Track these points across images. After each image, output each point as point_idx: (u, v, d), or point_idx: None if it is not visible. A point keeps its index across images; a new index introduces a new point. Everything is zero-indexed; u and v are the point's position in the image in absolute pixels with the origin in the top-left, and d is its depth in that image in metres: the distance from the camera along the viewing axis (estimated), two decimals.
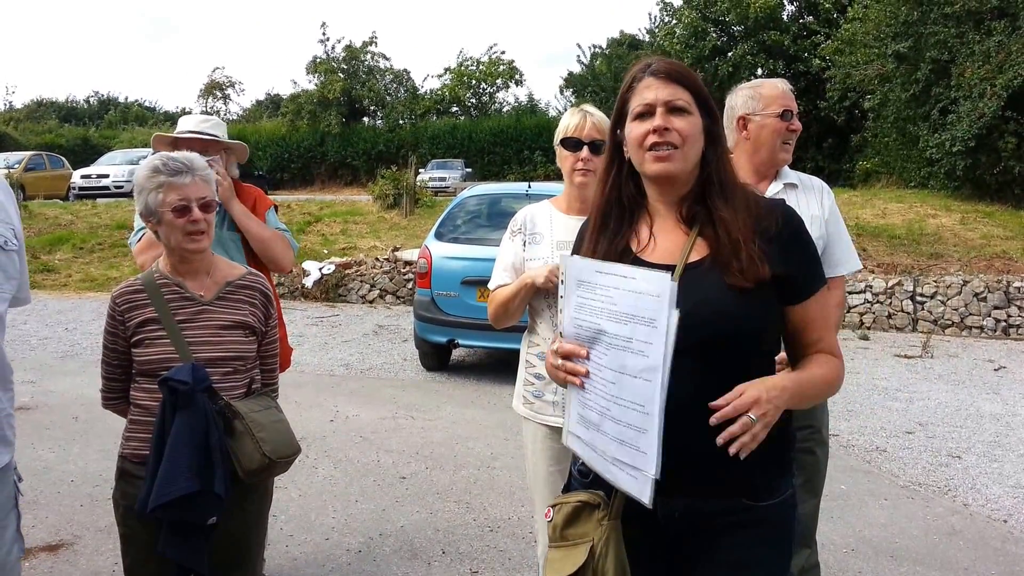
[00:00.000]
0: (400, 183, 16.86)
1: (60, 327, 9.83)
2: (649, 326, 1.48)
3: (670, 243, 1.72)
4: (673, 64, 1.73)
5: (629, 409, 1.52)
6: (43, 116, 45.59)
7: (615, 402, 1.54)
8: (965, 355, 8.96)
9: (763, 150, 2.84)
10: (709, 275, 1.62)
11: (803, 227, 1.72)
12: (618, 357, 1.53)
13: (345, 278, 12.23)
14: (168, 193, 2.27)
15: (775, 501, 1.67)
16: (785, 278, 1.63)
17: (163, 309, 2.31)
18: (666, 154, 1.66)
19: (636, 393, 1.50)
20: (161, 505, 2.11)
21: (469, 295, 7.24)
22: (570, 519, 1.69)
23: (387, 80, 36.01)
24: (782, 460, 1.71)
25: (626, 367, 1.52)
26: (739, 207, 1.67)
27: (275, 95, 49.24)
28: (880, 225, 13.32)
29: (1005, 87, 14.62)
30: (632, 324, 1.51)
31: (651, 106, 1.68)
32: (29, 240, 14.40)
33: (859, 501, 4.73)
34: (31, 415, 6.14)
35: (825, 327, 1.72)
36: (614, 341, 1.54)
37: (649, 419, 1.48)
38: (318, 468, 5.11)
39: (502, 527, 4.28)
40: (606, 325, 1.56)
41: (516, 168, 32.12)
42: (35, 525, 4.16)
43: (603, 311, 1.56)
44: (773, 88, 2.83)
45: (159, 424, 2.20)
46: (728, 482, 1.61)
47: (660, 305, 1.46)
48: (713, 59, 27.92)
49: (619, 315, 1.53)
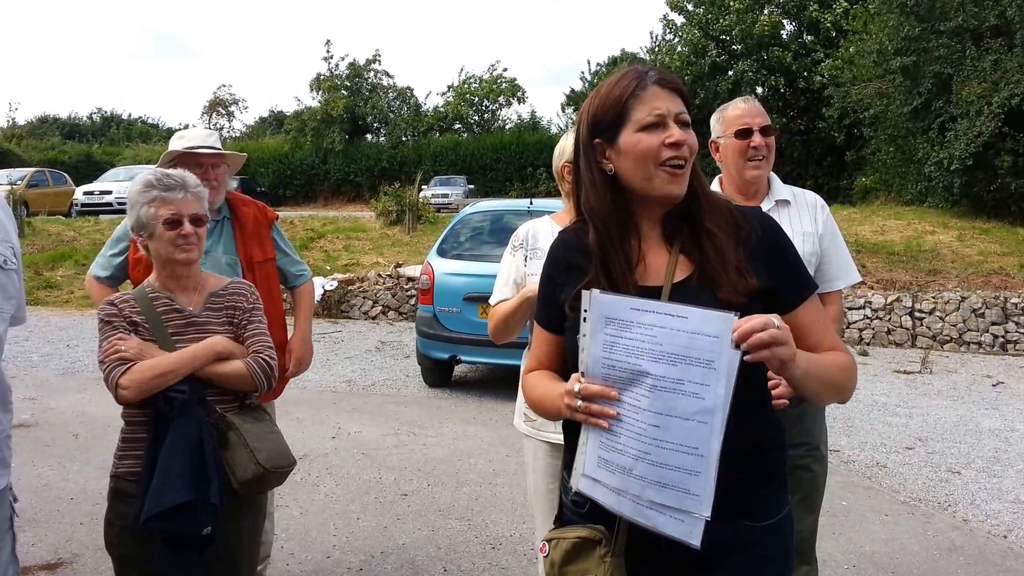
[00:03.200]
0: (403, 200, 16.90)
1: (61, 344, 9.85)
2: (706, 367, 1.42)
3: (658, 264, 1.65)
4: (673, 75, 1.66)
5: (676, 452, 1.46)
6: (46, 133, 45.86)
7: (657, 445, 1.47)
8: (964, 371, 8.96)
9: (731, 170, 2.86)
10: (701, 293, 1.57)
11: (782, 234, 1.68)
12: (665, 399, 1.46)
13: (348, 294, 12.26)
14: (160, 207, 2.29)
15: (774, 520, 1.64)
16: (771, 290, 1.59)
17: (155, 320, 2.32)
18: (682, 172, 1.59)
19: (688, 436, 1.44)
20: (155, 516, 2.10)
21: (471, 311, 7.26)
22: (569, 556, 1.61)
23: (390, 97, 36.26)
24: (779, 475, 1.68)
25: (675, 410, 1.45)
26: (721, 220, 1.63)
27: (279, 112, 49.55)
28: (879, 242, 13.35)
29: (1001, 105, 14.68)
30: (684, 365, 1.43)
31: (663, 116, 1.59)
32: (32, 256, 14.45)
33: (860, 517, 4.72)
34: (31, 432, 6.14)
35: (823, 329, 1.65)
36: (660, 383, 1.46)
37: (703, 462, 1.43)
38: (319, 485, 5.11)
39: (504, 544, 4.27)
40: (649, 367, 1.47)
41: (518, 184, 32.28)
42: (34, 543, 4.16)
43: (645, 351, 1.47)
44: (735, 108, 2.86)
45: (151, 437, 2.20)
46: (731, 505, 1.53)
47: (719, 346, 1.40)
48: (713, 76, 28.09)
49: (668, 355, 1.45)
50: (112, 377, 2.20)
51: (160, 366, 2.21)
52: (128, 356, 2.22)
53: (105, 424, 6.02)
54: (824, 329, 1.66)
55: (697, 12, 29.03)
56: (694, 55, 28.56)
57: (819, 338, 1.64)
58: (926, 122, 17.21)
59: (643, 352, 1.47)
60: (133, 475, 2.26)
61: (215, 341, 2.31)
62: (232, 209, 3.37)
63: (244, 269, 3.25)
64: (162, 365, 2.21)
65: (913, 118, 17.67)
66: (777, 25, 27.97)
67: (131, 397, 2.21)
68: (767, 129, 2.81)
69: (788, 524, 1.69)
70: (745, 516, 1.60)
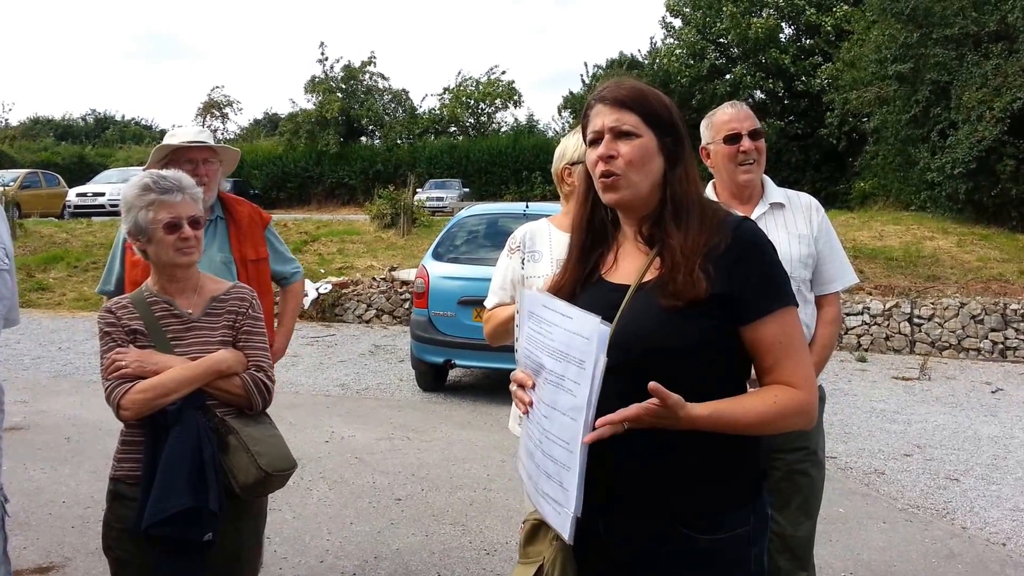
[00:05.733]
0: (398, 203, 16.87)
1: (53, 346, 9.79)
2: (579, 367, 1.48)
3: (629, 264, 1.72)
4: (622, 87, 1.69)
5: (556, 445, 1.53)
6: (39, 134, 45.76)
7: (546, 436, 1.56)
8: (963, 377, 8.95)
9: (723, 175, 2.86)
10: (650, 296, 1.61)
11: (758, 245, 1.64)
12: (552, 393, 1.55)
13: (341, 297, 12.21)
14: (159, 211, 2.27)
15: (723, 536, 1.59)
16: (729, 297, 1.57)
17: (153, 325, 2.31)
18: (611, 182, 1.66)
19: (564, 430, 1.51)
20: (156, 523, 2.10)
21: (466, 315, 7.22)
22: (530, 536, 1.71)
23: (385, 100, 36.22)
24: (736, 492, 1.63)
25: (557, 403, 1.53)
26: (692, 227, 1.63)
27: (273, 114, 49.55)
28: (877, 247, 13.36)
29: (1003, 110, 14.72)
30: (565, 362, 1.51)
31: (599, 133, 1.68)
32: (24, 258, 14.37)
33: (857, 524, 4.70)
34: (23, 435, 6.09)
35: (785, 354, 1.60)
36: (550, 376, 1.56)
37: (572, 457, 1.49)
38: (313, 490, 5.07)
39: (499, 550, 4.24)
40: (545, 360, 1.57)
41: (514, 188, 32.22)
42: (26, 547, 4.12)
43: (544, 346, 1.58)
44: (722, 114, 2.85)
45: (148, 444, 2.20)
46: (666, 506, 1.58)
47: (589, 348, 1.46)
48: (712, 79, 28.11)
49: (556, 352, 1.54)
50: (114, 397, 2.22)
51: (160, 386, 2.21)
52: (129, 372, 2.21)
53: (97, 427, 5.97)
54: (786, 354, 1.60)
55: (695, 15, 29.07)
56: (692, 58, 28.59)
57: (776, 362, 1.60)
58: (925, 129, 17.25)
59: (543, 347, 1.59)
60: (133, 478, 2.25)
61: (219, 360, 2.30)
62: (227, 208, 3.35)
63: (239, 267, 3.23)
64: (163, 385, 2.21)
65: (912, 125, 17.71)
66: (775, 28, 27.99)
67: (131, 417, 2.24)
68: (756, 133, 2.81)
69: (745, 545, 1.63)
70: (682, 523, 1.58)
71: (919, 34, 16.85)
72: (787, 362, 1.60)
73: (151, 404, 2.19)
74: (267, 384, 2.38)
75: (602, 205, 1.76)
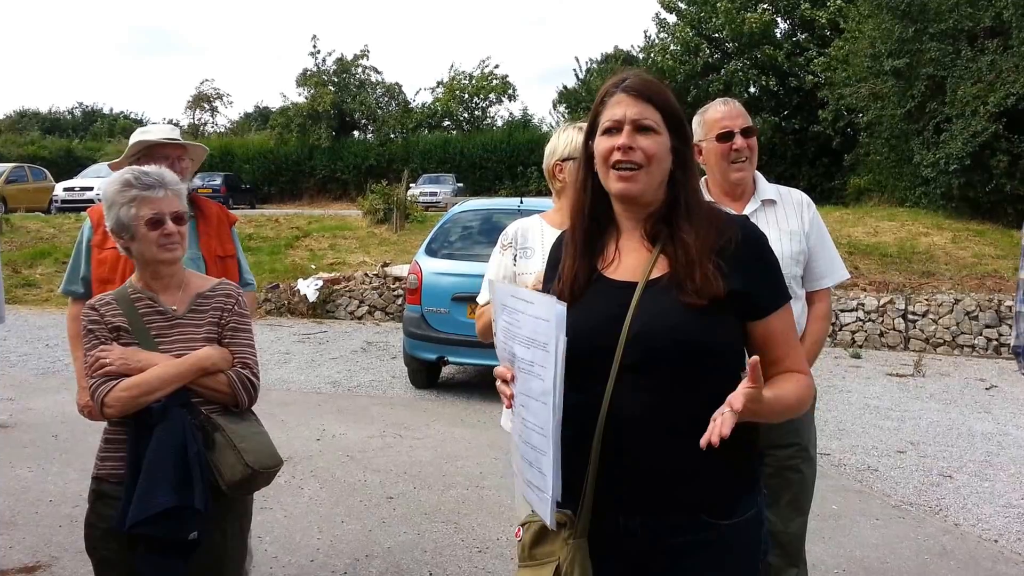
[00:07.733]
0: (390, 198, 16.82)
1: (40, 343, 9.72)
2: (544, 350, 1.50)
3: (633, 260, 1.72)
4: (647, 81, 1.71)
5: (533, 432, 1.56)
6: (25, 127, 45.47)
7: (525, 424, 1.59)
8: (957, 374, 8.96)
9: (716, 173, 2.85)
10: (666, 293, 1.62)
11: (763, 243, 1.71)
12: (525, 381, 1.58)
13: (333, 294, 12.16)
14: (141, 207, 2.24)
15: (739, 520, 1.64)
16: (743, 294, 1.62)
17: (137, 322, 2.28)
18: (629, 174, 1.66)
19: (538, 416, 1.54)
20: (140, 522, 2.07)
21: (459, 311, 7.18)
22: (537, 538, 1.68)
23: (378, 93, 36.10)
24: (746, 476, 1.69)
25: (531, 390, 1.56)
26: (702, 227, 1.66)
27: (264, 108, 49.34)
28: (872, 243, 13.37)
29: (997, 106, 14.74)
30: (533, 348, 1.54)
31: (619, 123, 1.67)
32: (10, 254, 14.29)
33: (850, 521, 4.69)
34: (9, 433, 6.05)
35: (790, 344, 1.70)
36: (522, 365, 1.58)
37: (547, 442, 1.51)
38: (304, 488, 5.03)
39: (491, 548, 4.21)
40: (517, 349, 1.60)
41: (508, 183, 32.18)
42: (12, 546, 4.07)
43: (515, 335, 1.60)
44: (714, 111, 2.84)
45: (132, 442, 2.18)
46: (687, 499, 1.61)
47: (550, 329, 1.48)
48: (706, 75, 28.06)
49: (524, 339, 1.57)
50: (98, 395, 2.20)
51: (144, 384, 2.19)
52: (113, 370, 2.19)
53: (85, 425, 5.82)
54: (789, 345, 1.70)
55: (689, 11, 29.01)
56: (687, 53, 28.53)
57: (783, 353, 1.69)
58: (920, 123, 17.28)
59: (515, 337, 1.60)
60: (116, 477, 2.23)
61: (204, 357, 2.27)
62: (196, 205, 3.28)
63: (208, 264, 3.16)
64: (147, 383, 2.19)
65: (907, 120, 17.74)
66: (770, 23, 27.95)
67: (115, 415, 2.22)
68: (748, 131, 2.81)
69: (756, 526, 1.69)
70: (703, 511, 1.62)
71: (914, 29, 16.86)
72: (792, 352, 1.70)
73: (136, 402, 2.17)
74: (253, 381, 2.35)
75: (600, 196, 1.75)
